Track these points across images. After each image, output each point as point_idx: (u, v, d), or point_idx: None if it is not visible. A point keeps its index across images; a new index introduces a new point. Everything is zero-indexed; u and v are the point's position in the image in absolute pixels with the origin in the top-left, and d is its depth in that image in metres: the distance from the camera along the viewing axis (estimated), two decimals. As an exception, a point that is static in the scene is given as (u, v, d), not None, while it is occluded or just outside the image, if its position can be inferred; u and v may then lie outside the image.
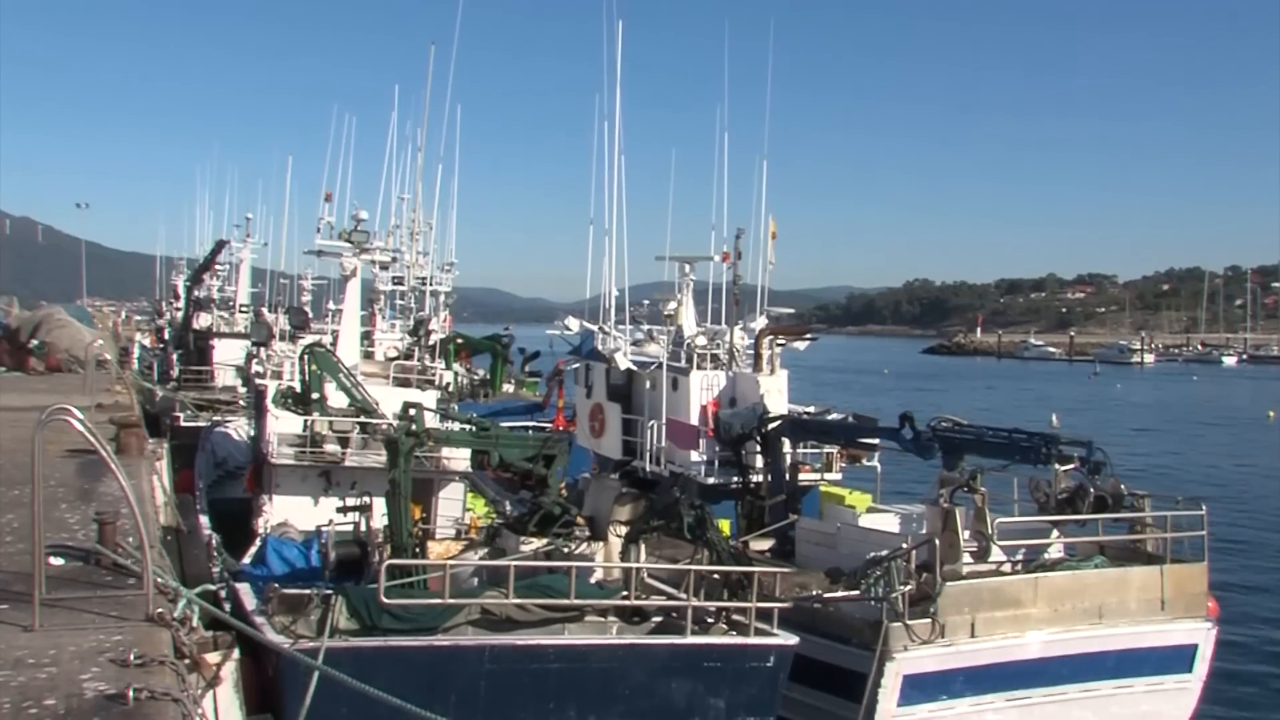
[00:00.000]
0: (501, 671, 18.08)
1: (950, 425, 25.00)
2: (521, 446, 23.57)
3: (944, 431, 24.59)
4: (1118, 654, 22.09)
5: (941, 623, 20.45)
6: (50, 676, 7.90)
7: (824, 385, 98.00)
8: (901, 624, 20.18)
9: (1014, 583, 21.69)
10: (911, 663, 20.31)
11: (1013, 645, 21.18)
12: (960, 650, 20.70)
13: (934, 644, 20.44)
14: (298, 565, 25.06)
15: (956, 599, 20.71)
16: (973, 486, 22.68)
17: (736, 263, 32.51)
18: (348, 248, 32.87)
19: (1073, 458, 23.54)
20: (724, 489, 28.82)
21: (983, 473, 23.21)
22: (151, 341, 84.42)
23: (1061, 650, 21.59)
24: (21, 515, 13.52)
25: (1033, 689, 21.52)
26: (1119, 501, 23.57)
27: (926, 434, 24.54)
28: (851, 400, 74.36)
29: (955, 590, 20.74)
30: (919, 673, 20.46)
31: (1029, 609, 21.40)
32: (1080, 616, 21.81)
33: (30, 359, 42.18)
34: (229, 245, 68.66)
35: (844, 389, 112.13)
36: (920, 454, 24.72)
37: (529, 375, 61.20)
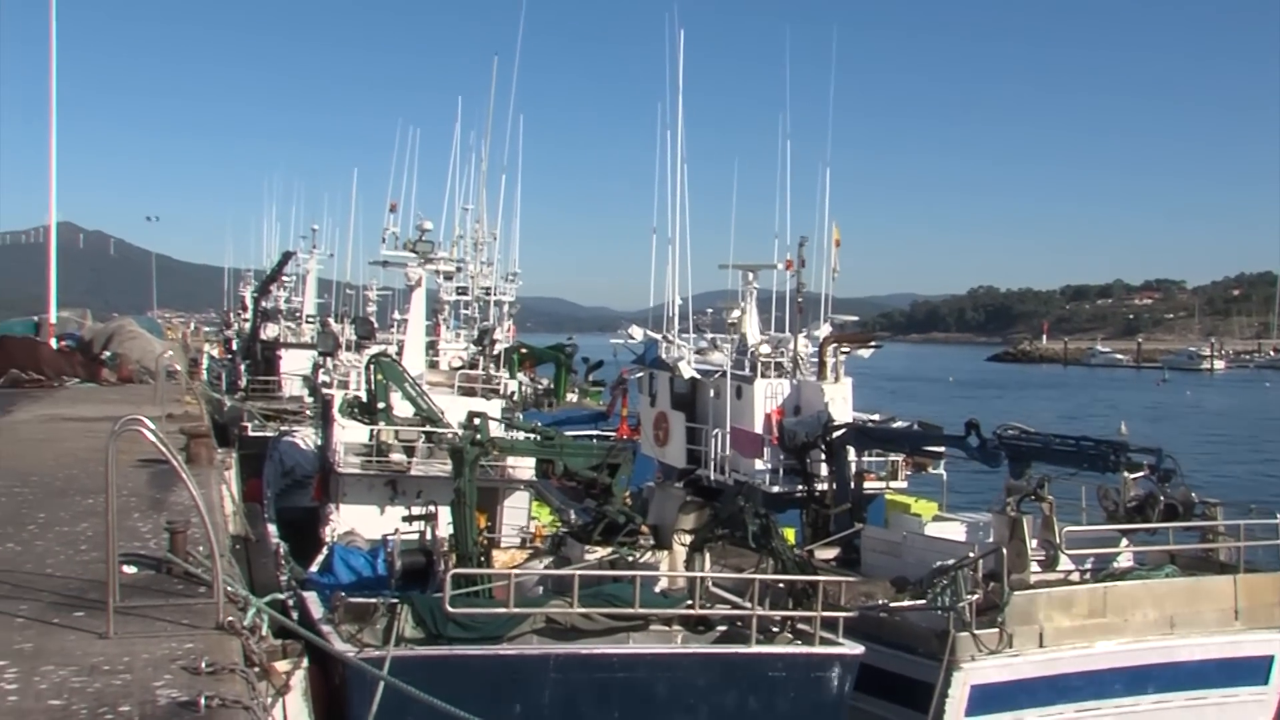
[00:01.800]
0: (566, 680, 18.10)
1: (1017, 433, 24.77)
2: (586, 455, 23.59)
3: (1010, 439, 24.36)
4: (1190, 665, 21.78)
5: (1009, 632, 20.26)
6: (124, 683, 7.99)
7: (888, 393, 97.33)
8: (969, 633, 20.01)
9: (1083, 592, 21.46)
10: (979, 673, 20.13)
11: (1082, 655, 20.95)
12: (1028, 660, 20.49)
13: (1001, 654, 20.25)
14: (364, 574, 25.24)
15: (1024, 608, 20.51)
16: (1040, 495, 22.46)
17: (800, 270, 32.44)
18: (412, 258, 33.11)
19: (1142, 465, 23.29)
20: (789, 497, 28.72)
21: (1050, 481, 22.99)
22: (220, 352, 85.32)
23: (1132, 661, 21.32)
24: (95, 524, 13.70)
25: (1103, 700, 21.26)
26: (1190, 510, 23.27)
27: (993, 442, 24.32)
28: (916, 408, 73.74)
29: (1023, 599, 20.54)
30: (986, 683, 20.27)
31: (1098, 619, 21.16)
32: (1151, 627, 21.53)
33: (103, 370, 42.73)
34: (295, 257, 69.20)
35: (908, 397, 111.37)
36: (986, 462, 24.51)
37: (593, 384, 61.26)
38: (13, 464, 19.43)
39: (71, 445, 22.21)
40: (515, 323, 51.31)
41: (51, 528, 13.87)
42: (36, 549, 12.59)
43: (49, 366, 40.62)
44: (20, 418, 28.00)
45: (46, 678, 8.10)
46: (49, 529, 13.79)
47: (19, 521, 14.20)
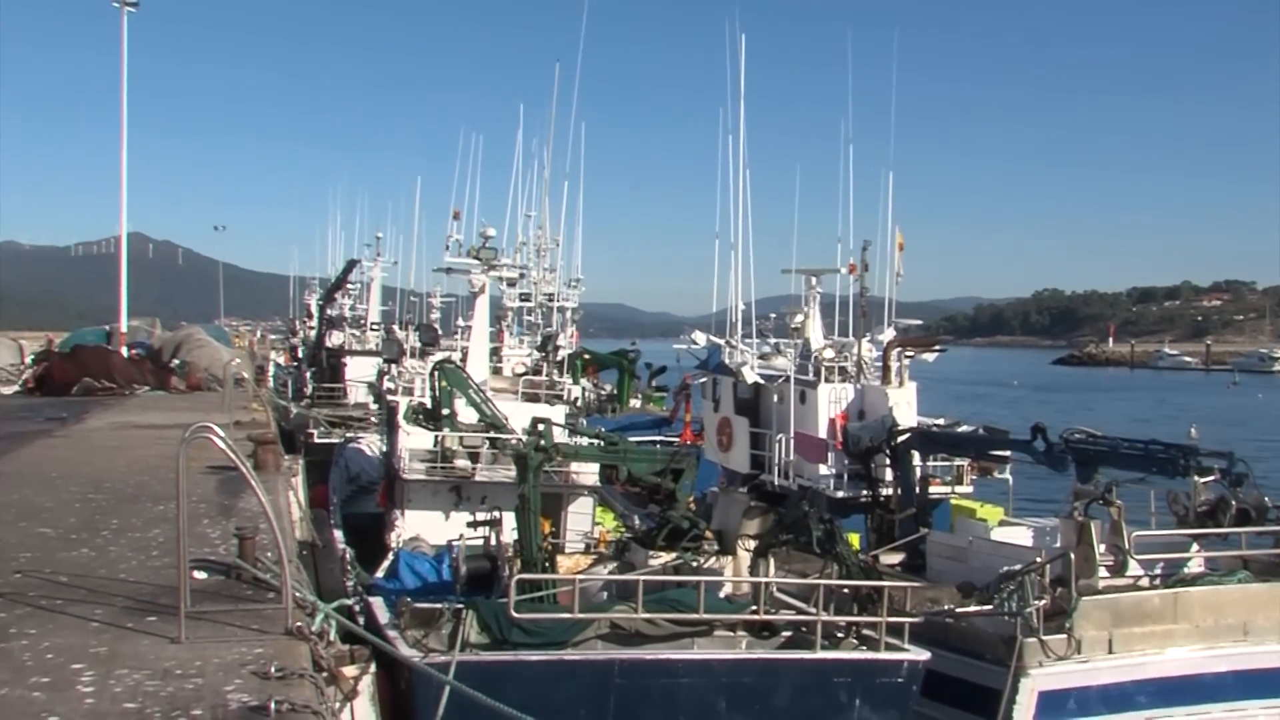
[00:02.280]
0: (631, 686, 18.10)
1: (1084, 437, 24.52)
2: (649, 461, 23.62)
3: (1077, 443, 24.12)
4: (1265, 673, 21.41)
5: (1078, 638, 20.03)
6: (196, 688, 8.09)
7: (953, 397, 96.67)
8: (1036, 639, 19.80)
9: (1153, 598, 21.17)
10: (1047, 679, 19.91)
11: (1152, 663, 20.66)
12: (1098, 667, 20.25)
13: (1070, 660, 20.02)
14: (429, 579, 25.41)
15: (1093, 614, 20.28)
16: (1108, 499, 22.20)
17: (863, 274, 32.30)
18: (476, 265, 33.30)
19: (1213, 469, 22.96)
20: (853, 502, 28.60)
21: (1118, 485, 22.72)
22: (286, 359, 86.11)
23: (1204, 669, 20.99)
24: (166, 530, 13.88)
25: (1173, 708, 20.95)
26: (1263, 514, 22.92)
27: (1059, 446, 24.09)
28: (981, 412, 73.33)
29: (1091, 605, 20.31)
30: (1055, 690, 20.05)
31: (1169, 625, 20.86)
32: (1224, 633, 21.20)
33: (172, 378, 43.27)
34: (360, 264, 69.76)
35: (973, 401, 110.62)
36: (1053, 466, 24.29)
37: (655, 390, 61.26)
38: (87, 471, 19.72)
39: (142, 452, 22.50)
40: (578, 328, 51.44)
41: (124, 534, 14.07)
42: (110, 555, 12.77)
43: (120, 375, 41.21)
44: (93, 425, 28.41)
45: (121, 681, 8.22)
46: (121, 535, 13.98)
47: (93, 527, 14.41)
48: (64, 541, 13.55)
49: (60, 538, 13.78)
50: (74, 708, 7.67)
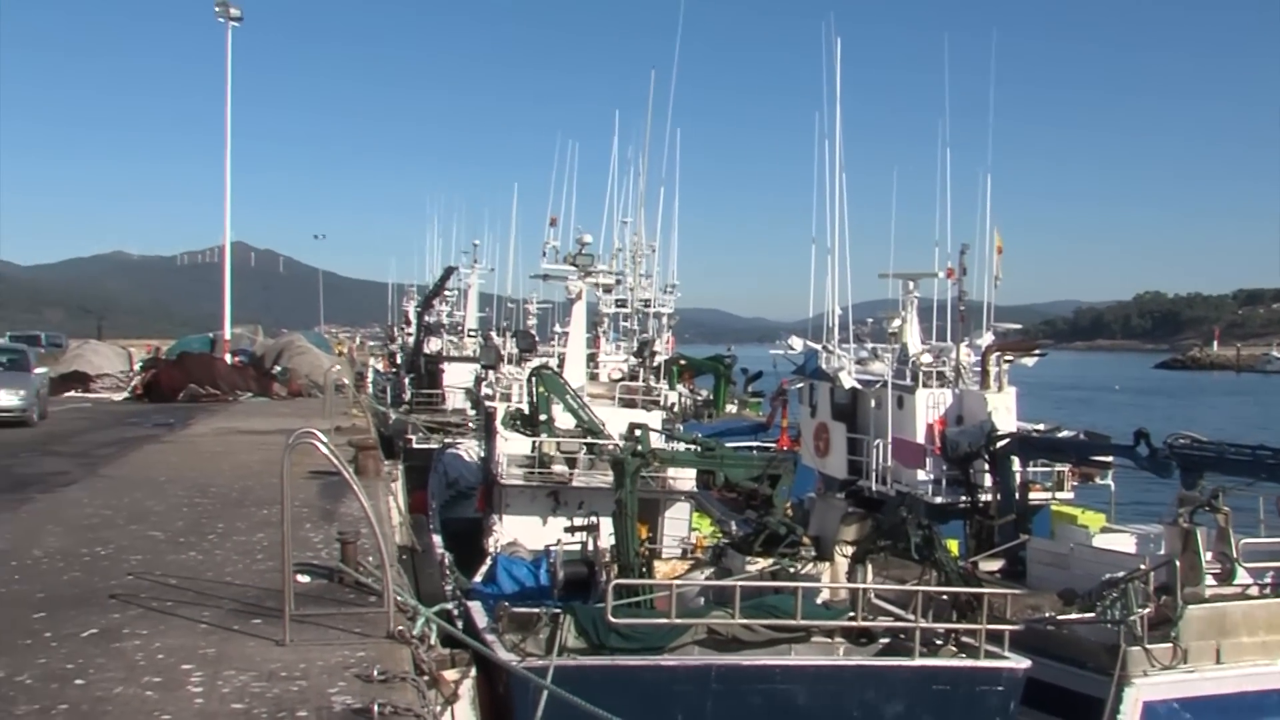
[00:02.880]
0: (727, 692, 18.08)
1: (1188, 442, 24.04)
2: (746, 466, 23.56)
3: (1182, 448, 23.66)
4: None
5: (1184, 648, 19.67)
6: (301, 690, 8.21)
7: (1053, 402, 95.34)
8: (1141, 648, 19.48)
9: (1263, 607, 20.72)
10: (1152, 689, 19.57)
11: (1263, 674, 20.21)
12: (1205, 677, 19.85)
13: (1176, 670, 19.66)
14: (527, 584, 25.55)
15: (1200, 623, 19.90)
16: (1214, 506, 21.77)
17: (961, 278, 31.95)
18: (573, 271, 33.45)
19: (1324, 475, 22.42)
20: (952, 508, 28.30)
21: (1225, 491, 22.27)
22: (384, 366, 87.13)
23: None
24: (271, 534, 14.12)
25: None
26: (1376, 522, 22.37)
27: (1163, 451, 23.65)
28: (1082, 417, 72.24)
29: (1198, 614, 19.93)
30: (1160, 700, 19.69)
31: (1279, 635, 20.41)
32: (1338, 644, 20.69)
33: (274, 384, 44.06)
34: (457, 271, 70.31)
35: (1074, 405, 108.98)
36: (1157, 472, 23.85)
37: (752, 395, 61.06)
38: (193, 475, 20.14)
39: (246, 458, 22.92)
40: (674, 334, 51.44)
41: (229, 537, 14.34)
42: (216, 558, 13.03)
43: (224, 381, 42.07)
44: (198, 431, 29.00)
45: (229, 682, 8.38)
46: (227, 539, 14.26)
47: (200, 531, 14.72)
48: (172, 544, 13.85)
49: (169, 540, 14.09)
50: (184, 707, 7.84)
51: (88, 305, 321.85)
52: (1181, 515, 21.66)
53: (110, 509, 16.58)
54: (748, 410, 57.79)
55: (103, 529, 14.93)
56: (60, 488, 18.90)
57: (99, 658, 9.04)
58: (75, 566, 12.55)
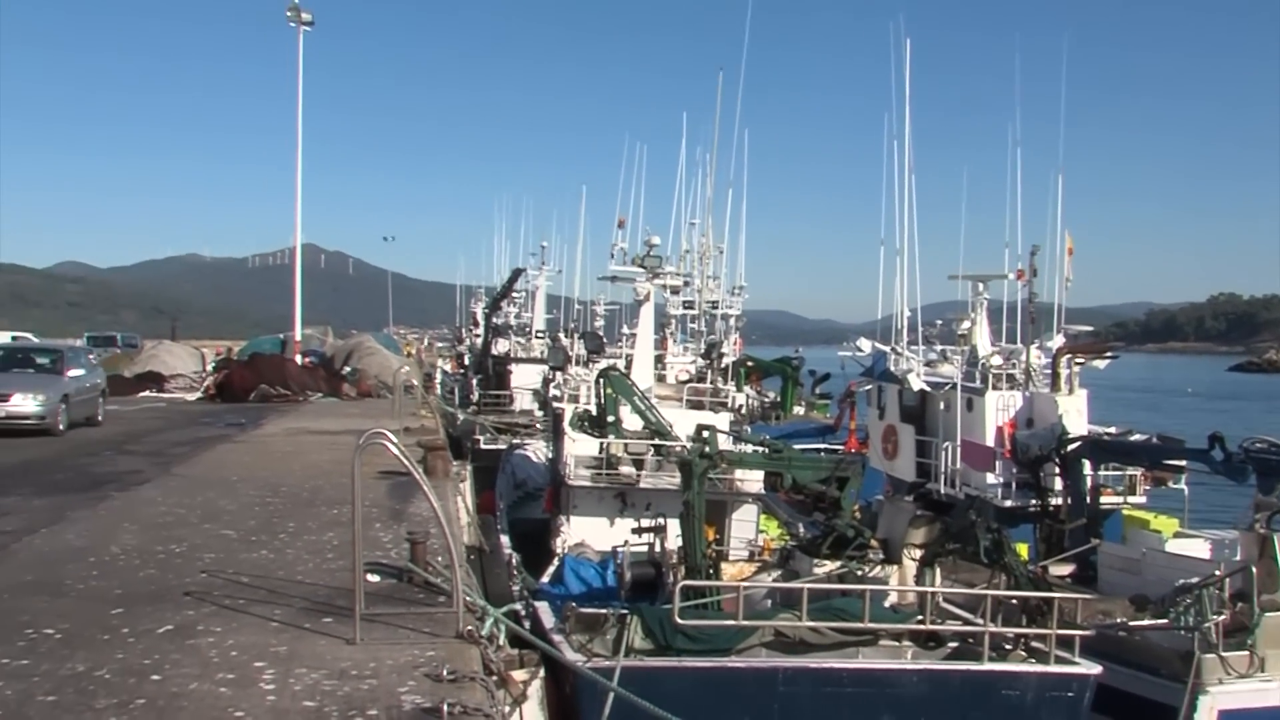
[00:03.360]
0: (795, 694, 18.03)
1: (1265, 446, 23.66)
2: (814, 468, 23.48)
3: (1258, 453, 23.28)
4: None
5: (1260, 656, 19.37)
6: (371, 688, 8.29)
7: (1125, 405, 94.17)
8: (1216, 656, 19.21)
9: (1343, 616, 20.36)
10: (1228, 697, 19.28)
11: None
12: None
13: (1252, 678, 19.37)
14: (594, 585, 25.60)
15: (1277, 631, 19.59)
16: (1291, 512, 21.44)
17: (1032, 280, 31.64)
18: (641, 273, 33.48)
19: (1405, 482, 22.00)
20: (1021, 512, 28.05)
21: (1304, 497, 21.92)
22: (452, 367, 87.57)
23: None
24: (341, 533, 14.27)
25: (1364, 730, 20.12)
26: None
27: (1239, 455, 23.29)
28: (1154, 420, 71.28)
29: (1275, 621, 19.62)
30: (1236, 709, 19.39)
31: (1360, 643, 20.03)
32: None
33: (344, 385, 44.48)
34: (525, 273, 70.54)
35: (1146, 409, 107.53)
36: (1232, 477, 23.49)
37: (819, 397, 60.85)
38: (264, 475, 20.38)
39: (316, 458, 23.16)
40: (741, 335, 51.33)
41: (300, 536, 14.50)
42: (288, 557, 13.18)
43: (295, 382, 42.54)
44: (270, 431, 29.33)
45: (300, 680, 8.48)
46: (298, 537, 14.41)
47: (271, 530, 14.89)
48: (245, 543, 14.03)
49: (241, 539, 14.28)
50: (257, 704, 7.94)
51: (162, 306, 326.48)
52: (1258, 521, 21.36)
53: (184, 508, 16.82)
54: (815, 412, 57.63)
55: (177, 527, 15.15)
56: (135, 486, 19.21)
57: (174, 654, 9.18)
58: (151, 564, 12.75)
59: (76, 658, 9.05)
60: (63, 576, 12.02)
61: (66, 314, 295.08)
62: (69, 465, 22.07)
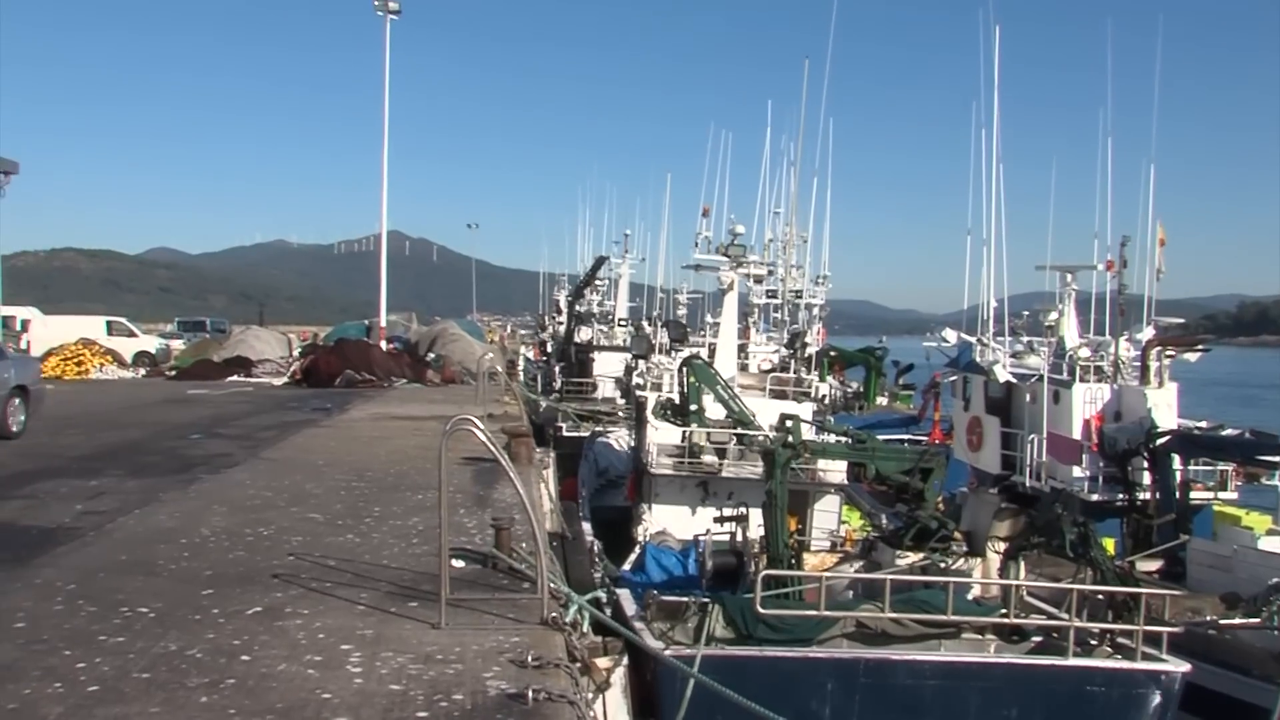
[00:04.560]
0: (876, 686, 17.97)
1: (1360, 442, 23.22)
2: (898, 459, 23.35)
3: (1355, 449, 22.86)
4: None
5: (1356, 657, 19.01)
6: (457, 673, 8.34)
7: (1216, 399, 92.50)
8: (1310, 656, 18.88)
9: None
10: (1321, 699, 18.94)
11: None
12: (1377, 688, 19.15)
13: (1347, 681, 19.00)
14: (675, 573, 25.63)
15: (1370, 631, 19.22)
16: (1390, 510, 21.03)
17: (1121, 271, 31.17)
18: (725, 261, 33.46)
19: None
20: (1108, 506, 27.66)
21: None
22: (535, 354, 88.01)
23: None
24: (425, 518, 14.38)
25: None
26: None
27: (1335, 452, 22.87)
28: (1246, 415, 69.99)
29: (1368, 621, 19.25)
30: None
31: None
32: None
33: (428, 371, 44.79)
34: (608, 261, 70.70)
35: (1238, 403, 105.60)
36: (1328, 474, 23.08)
37: (903, 388, 60.50)
38: (350, 460, 20.59)
39: (401, 443, 23.34)
40: (825, 325, 51.13)
41: (385, 521, 14.63)
42: (373, 541, 13.30)
43: (379, 368, 42.91)
44: (355, 416, 29.63)
45: (386, 663, 8.56)
46: (384, 522, 14.54)
47: (357, 514, 15.04)
48: (331, 527, 14.18)
49: (328, 523, 14.43)
50: (344, 686, 8.03)
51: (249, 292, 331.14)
52: (1353, 519, 20.96)
53: (271, 490, 17.04)
54: (899, 403, 57.34)
55: (264, 510, 15.35)
56: (224, 469, 19.48)
57: (263, 635, 9.31)
58: (239, 546, 12.93)
59: (169, 636, 9.21)
60: (155, 557, 12.23)
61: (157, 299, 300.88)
62: (160, 448, 22.43)
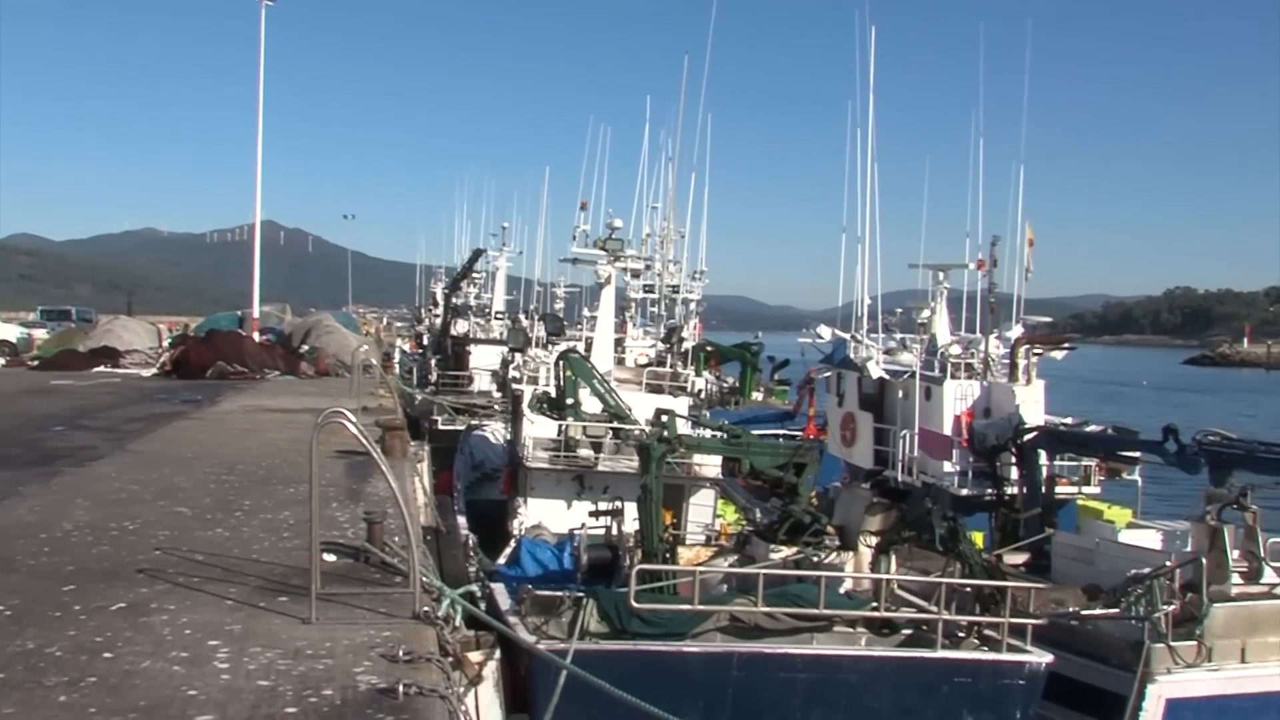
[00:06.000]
0: (749, 679, 18.11)
1: (1218, 439, 23.93)
2: (772, 454, 23.55)
3: (1211, 445, 23.55)
4: None
5: (1208, 646, 19.62)
6: (327, 668, 8.23)
7: (1081, 396, 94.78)
8: (1165, 645, 19.43)
9: (1290, 606, 20.63)
10: (1175, 686, 19.52)
11: None
12: (1230, 676, 19.81)
13: (1200, 668, 19.61)
14: (550, 567, 25.61)
15: (1225, 621, 19.83)
16: (1243, 504, 21.72)
17: (992, 270, 31.78)
18: (602, 255, 33.50)
19: (1357, 476, 22.29)
20: (977, 501, 28.20)
21: (1254, 489, 22.16)
22: (411, 347, 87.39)
23: None
24: (297, 512, 14.16)
25: (1310, 721, 20.41)
26: None
27: (1192, 448, 23.54)
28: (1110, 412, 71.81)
29: (1224, 612, 19.86)
30: (1183, 697, 19.64)
31: (1308, 635, 20.31)
32: (1364, 645, 20.58)
33: (301, 363, 44.14)
34: (486, 254, 70.41)
35: (1102, 400, 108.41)
36: (1185, 469, 23.75)
37: (778, 383, 61.10)
38: (220, 453, 20.20)
39: (273, 436, 22.97)
40: (701, 320, 51.39)
41: (256, 515, 14.37)
42: (243, 535, 13.06)
43: (252, 359, 42.16)
44: (226, 408, 29.09)
45: (255, 659, 8.41)
46: (254, 516, 14.29)
47: (227, 508, 14.76)
48: (200, 521, 13.90)
49: (196, 517, 14.14)
50: (211, 683, 7.87)
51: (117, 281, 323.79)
52: (1209, 513, 21.61)
53: (138, 484, 16.65)
54: (774, 398, 57.90)
55: (131, 504, 14.99)
56: (89, 462, 18.98)
57: (127, 631, 9.09)
58: (104, 540, 12.60)
59: (27, 635, 8.93)
60: (13, 553, 11.86)
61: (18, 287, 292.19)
62: (21, 440, 21.81)
